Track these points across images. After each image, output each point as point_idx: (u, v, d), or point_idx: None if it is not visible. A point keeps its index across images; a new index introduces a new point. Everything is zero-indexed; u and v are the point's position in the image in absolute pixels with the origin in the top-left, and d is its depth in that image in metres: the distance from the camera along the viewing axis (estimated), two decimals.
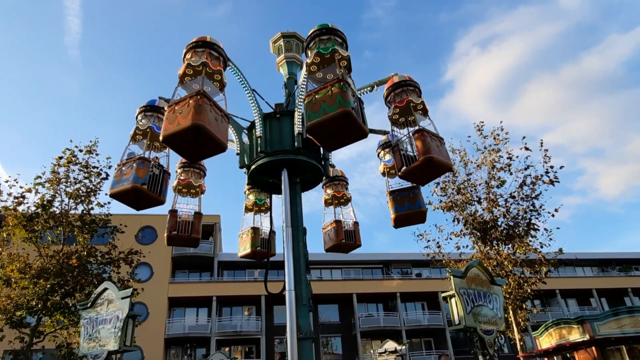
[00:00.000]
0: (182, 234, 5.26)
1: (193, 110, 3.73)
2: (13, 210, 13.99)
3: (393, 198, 5.45)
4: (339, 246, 6.21)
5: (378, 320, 36.74)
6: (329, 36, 4.56)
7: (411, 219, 5.37)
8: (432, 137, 4.71)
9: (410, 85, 5.10)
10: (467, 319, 6.83)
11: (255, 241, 5.83)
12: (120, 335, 6.57)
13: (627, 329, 12.18)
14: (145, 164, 4.48)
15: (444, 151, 4.75)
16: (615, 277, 44.01)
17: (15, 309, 13.05)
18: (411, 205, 5.38)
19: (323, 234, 6.53)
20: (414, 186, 5.55)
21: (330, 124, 3.93)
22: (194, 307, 36.26)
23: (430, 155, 4.46)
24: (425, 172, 4.68)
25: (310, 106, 4.07)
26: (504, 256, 14.76)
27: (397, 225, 5.63)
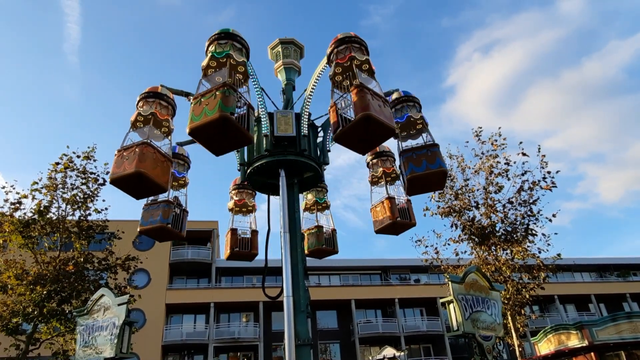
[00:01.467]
0: (243, 250, 5.92)
1: (137, 158, 4.23)
2: (9, 216, 13.93)
3: (407, 158, 4.85)
4: (394, 225, 5.95)
5: (377, 327, 36.58)
6: (227, 41, 4.53)
7: (430, 181, 4.81)
8: (373, 95, 4.14)
9: (356, 42, 4.69)
10: (465, 325, 6.80)
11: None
12: (117, 342, 6.50)
13: (626, 334, 12.16)
14: (169, 206, 5.18)
15: (387, 112, 4.19)
16: (614, 282, 43.98)
17: (11, 316, 12.96)
18: (430, 165, 4.74)
19: (372, 214, 6.35)
20: (432, 144, 4.93)
21: (209, 128, 3.89)
22: (191, 314, 36.06)
23: (368, 112, 3.87)
24: (363, 134, 4.07)
25: (194, 108, 4.04)
26: (502, 262, 14.75)
27: (411, 190, 5.02)
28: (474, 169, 16.10)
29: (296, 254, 4.74)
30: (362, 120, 3.87)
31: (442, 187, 5.05)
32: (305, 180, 5.33)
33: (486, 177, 15.67)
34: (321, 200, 6.58)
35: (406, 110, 4.97)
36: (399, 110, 5.00)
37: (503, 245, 14.82)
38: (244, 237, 6.10)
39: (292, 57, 5.89)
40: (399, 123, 4.96)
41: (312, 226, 6.50)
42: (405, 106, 5.08)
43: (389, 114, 4.18)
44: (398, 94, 5.12)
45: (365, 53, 4.62)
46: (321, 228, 6.35)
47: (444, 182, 4.93)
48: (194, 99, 4.11)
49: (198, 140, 4.10)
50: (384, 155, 6.10)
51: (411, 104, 5.03)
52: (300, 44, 6.01)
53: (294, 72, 5.88)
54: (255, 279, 39.52)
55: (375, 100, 4.06)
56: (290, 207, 4.92)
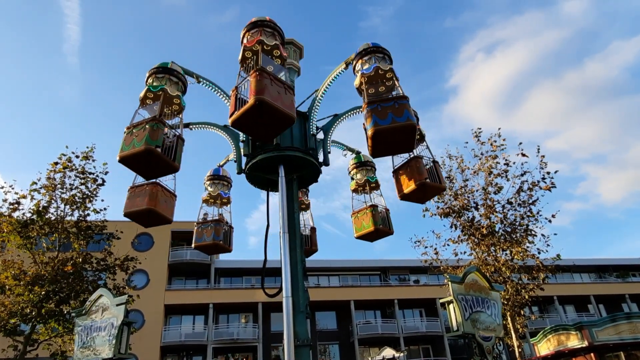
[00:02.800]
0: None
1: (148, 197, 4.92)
2: (8, 216, 13.88)
3: (372, 110, 4.26)
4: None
5: (376, 327, 36.54)
6: (164, 75, 4.80)
7: (396, 138, 4.24)
8: (273, 80, 3.93)
9: (268, 27, 4.52)
10: (465, 326, 6.77)
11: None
12: (115, 343, 6.46)
13: (625, 335, 12.17)
14: (219, 225, 5.68)
15: (288, 100, 3.95)
16: (613, 283, 43.99)
17: (9, 317, 12.91)
18: (396, 117, 4.19)
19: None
20: (401, 96, 4.44)
21: (136, 158, 4.22)
22: (190, 315, 36.00)
23: (261, 97, 3.67)
24: (259, 119, 3.85)
25: (125, 138, 4.45)
26: (501, 262, 14.73)
27: (375, 148, 4.39)
28: (473, 169, 16.10)
29: (295, 254, 4.73)
30: (255, 105, 3.71)
31: (411, 147, 4.40)
32: (303, 177, 5.35)
33: (485, 177, 15.67)
34: (372, 180, 6.45)
35: (374, 61, 4.65)
36: (367, 61, 4.68)
37: (503, 245, 14.80)
38: (305, 235, 6.44)
39: (291, 58, 5.89)
40: (365, 74, 4.63)
41: (364, 206, 6.35)
42: (374, 57, 4.73)
43: (289, 101, 4.00)
44: (366, 44, 4.80)
45: (277, 39, 4.57)
46: (376, 207, 6.15)
47: (413, 141, 4.33)
48: (127, 128, 4.40)
49: (128, 167, 4.36)
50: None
51: (380, 56, 4.70)
52: (299, 44, 6.01)
53: (294, 73, 5.87)
54: (254, 280, 39.47)
55: (275, 86, 3.91)
56: (290, 207, 4.91)
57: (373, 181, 6.39)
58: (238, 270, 39.52)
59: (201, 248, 6.00)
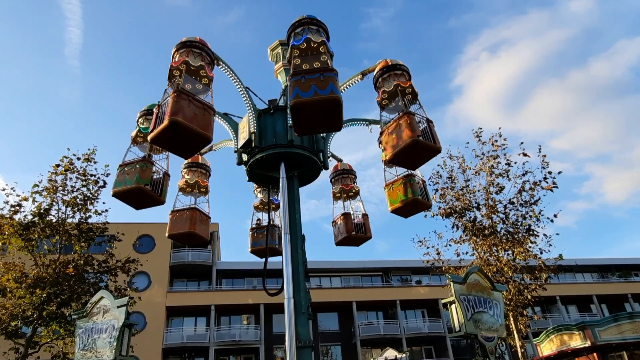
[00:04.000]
0: (359, 233, 6.10)
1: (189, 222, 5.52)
2: (9, 218, 13.87)
3: (295, 81, 4.08)
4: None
5: (378, 328, 36.47)
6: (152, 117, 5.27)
7: (318, 112, 4.00)
8: (192, 101, 4.06)
9: (197, 48, 4.58)
10: (467, 326, 6.74)
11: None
12: (116, 345, 6.45)
13: (628, 334, 12.12)
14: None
15: (205, 120, 4.07)
16: (615, 282, 43.88)
17: (11, 319, 12.89)
18: (319, 90, 3.96)
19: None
20: (328, 68, 4.24)
21: (127, 194, 4.95)
22: (192, 317, 35.96)
23: (176, 118, 3.82)
24: (175, 139, 4.02)
25: (118, 175, 5.08)
26: (503, 262, 14.69)
27: (297, 123, 4.17)
28: (475, 169, 16.06)
29: (297, 255, 4.71)
30: (169, 125, 3.88)
31: (338, 124, 4.13)
32: (304, 174, 5.35)
33: (487, 177, 15.63)
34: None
35: (306, 32, 4.51)
36: (299, 33, 4.56)
37: (505, 245, 14.76)
38: (359, 223, 6.27)
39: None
40: (295, 46, 4.53)
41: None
42: (306, 29, 4.59)
43: (206, 121, 4.09)
44: (301, 16, 4.68)
45: (204, 59, 4.62)
46: (413, 177, 5.63)
47: (339, 117, 4.05)
48: (120, 166, 5.06)
49: (120, 200, 5.06)
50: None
51: (314, 28, 4.56)
52: None
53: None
54: (255, 281, 39.43)
55: (193, 107, 4.03)
56: (291, 208, 4.90)
57: None
58: (240, 271, 39.48)
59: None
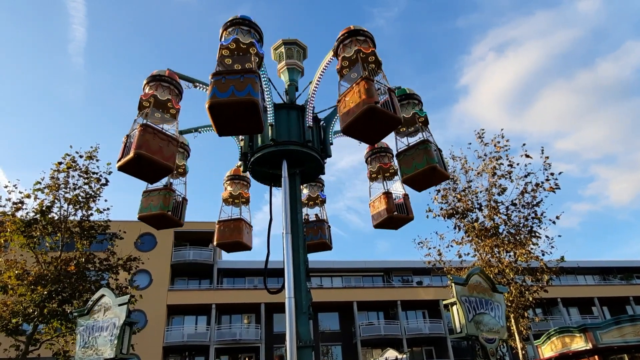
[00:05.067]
0: (401, 214, 5.83)
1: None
2: (11, 215, 13.91)
3: (215, 81, 4.03)
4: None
5: (379, 329, 36.46)
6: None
7: (235, 112, 3.97)
8: (156, 134, 4.42)
9: (165, 82, 4.87)
10: (468, 327, 6.72)
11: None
12: (117, 343, 6.44)
13: (630, 337, 12.08)
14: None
15: (168, 152, 4.42)
16: (617, 285, 43.78)
17: (12, 316, 12.91)
18: (237, 92, 3.97)
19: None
20: (249, 69, 4.18)
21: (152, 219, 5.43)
22: (193, 315, 36.01)
23: (140, 151, 4.21)
24: (141, 169, 4.44)
25: (143, 201, 5.43)
26: (505, 264, 14.66)
27: (215, 121, 4.08)
28: (477, 170, 16.04)
29: (298, 255, 4.71)
30: (134, 157, 4.28)
31: (255, 126, 4.07)
32: (306, 171, 5.35)
33: (489, 178, 15.61)
34: (422, 114, 5.54)
35: (236, 33, 4.52)
36: (230, 32, 4.59)
37: (506, 247, 14.73)
38: (400, 203, 6.05)
39: (295, 58, 5.87)
40: (223, 46, 4.50)
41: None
42: (237, 29, 4.59)
43: (170, 153, 4.51)
44: (234, 16, 4.67)
45: (172, 93, 4.93)
46: (430, 143, 5.18)
47: (258, 119, 3.99)
48: (144, 192, 5.46)
49: (145, 222, 5.48)
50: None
51: (245, 29, 4.55)
52: (303, 44, 5.98)
53: (297, 73, 5.85)
54: (256, 280, 39.46)
55: (157, 140, 4.44)
56: (293, 208, 4.90)
57: (422, 115, 5.53)
58: (241, 270, 39.51)
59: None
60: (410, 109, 5.53)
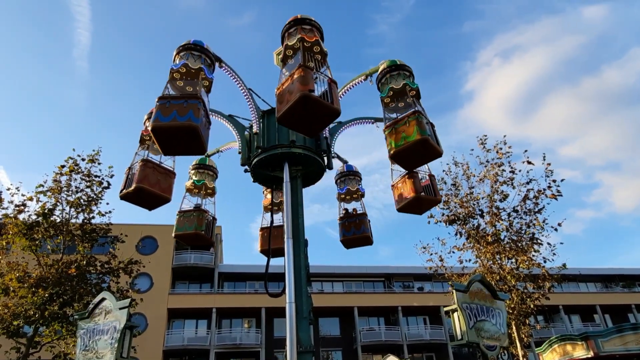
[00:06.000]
0: (428, 195, 5.67)
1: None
2: (14, 218, 13.94)
3: (160, 105, 4.48)
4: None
5: (379, 334, 36.31)
6: (204, 170, 6.21)
7: (178, 136, 4.40)
8: (156, 168, 5.05)
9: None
10: (469, 334, 6.70)
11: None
12: (117, 347, 6.44)
13: (632, 345, 12.02)
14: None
15: (166, 184, 5.06)
16: (619, 293, 43.56)
17: (13, 318, 12.91)
18: (178, 117, 4.37)
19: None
20: (193, 95, 4.53)
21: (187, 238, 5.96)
22: (193, 319, 35.94)
23: (141, 185, 4.78)
24: (141, 200, 5.02)
25: (178, 221, 5.98)
26: (507, 270, 14.61)
27: (160, 144, 4.64)
28: (479, 176, 16.03)
29: (299, 259, 4.71)
30: (136, 189, 4.85)
31: (197, 149, 4.37)
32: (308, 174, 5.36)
33: (491, 185, 15.59)
34: (413, 86, 5.22)
35: (187, 57, 4.75)
36: (182, 57, 4.79)
37: (508, 254, 14.69)
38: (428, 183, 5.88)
39: None
40: (174, 70, 4.72)
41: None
42: (188, 54, 4.83)
43: (167, 185, 5.07)
44: (187, 41, 4.89)
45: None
46: (421, 114, 4.83)
47: (199, 142, 4.26)
48: (179, 213, 5.94)
49: (180, 240, 6.04)
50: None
51: (196, 54, 4.80)
52: None
53: None
54: (257, 285, 39.39)
55: (156, 174, 5.01)
56: (294, 213, 4.90)
57: (414, 87, 5.19)
58: (242, 275, 39.44)
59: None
60: (401, 79, 5.17)
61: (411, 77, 5.25)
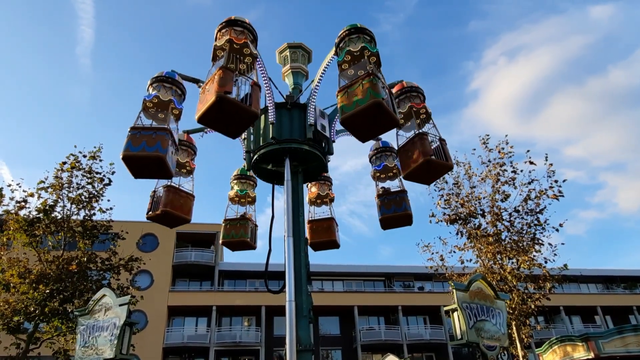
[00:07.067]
0: (439, 159, 5.03)
1: None
2: (15, 214, 13.95)
3: (132, 135, 4.74)
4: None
5: (379, 334, 36.33)
6: (246, 180, 5.99)
7: (144, 163, 4.73)
8: (181, 193, 5.52)
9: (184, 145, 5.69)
10: (469, 334, 6.69)
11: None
12: (117, 343, 6.44)
13: (633, 347, 11.99)
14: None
15: (187, 207, 5.53)
16: (620, 294, 43.49)
17: (13, 314, 12.94)
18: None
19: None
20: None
21: (235, 244, 6.17)
22: (193, 317, 35.99)
23: (166, 209, 5.28)
24: (167, 220, 5.52)
25: (224, 228, 6.21)
26: (507, 271, 14.59)
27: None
28: (481, 176, 16.00)
29: (300, 258, 4.70)
30: (161, 214, 5.35)
31: (165, 175, 4.83)
32: (309, 170, 5.35)
33: (493, 185, 15.57)
34: (373, 50, 4.82)
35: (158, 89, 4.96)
36: (155, 88, 4.96)
37: (509, 254, 14.67)
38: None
39: (299, 62, 5.88)
40: (147, 100, 4.95)
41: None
42: (160, 86, 5.00)
43: (188, 207, 5.60)
44: (160, 72, 5.02)
45: (188, 155, 5.85)
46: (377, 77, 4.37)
47: (165, 170, 4.70)
48: (225, 220, 6.27)
49: (227, 247, 6.38)
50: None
51: (167, 85, 4.97)
52: (308, 48, 6.00)
53: (302, 77, 5.86)
54: (258, 283, 39.42)
55: (179, 198, 5.55)
56: (295, 210, 4.89)
57: (374, 52, 4.73)
58: (242, 273, 39.49)
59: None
60: (360, 43, 4.75)
61: (372, 42, 4.88)
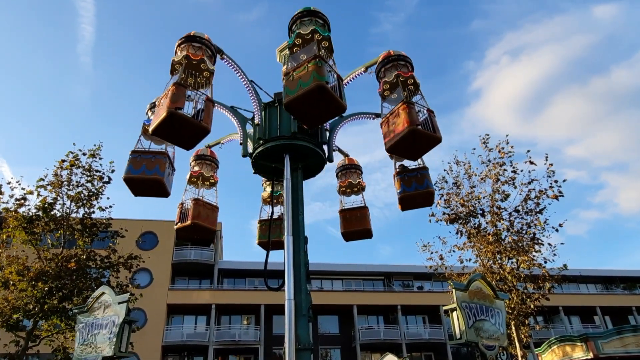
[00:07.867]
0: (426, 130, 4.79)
1: None
2: (14, 212, 13.93)
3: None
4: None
5: (378, 333, 36.32)
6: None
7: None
8: (205, 205, 5.84)
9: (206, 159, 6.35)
10: (468, 334, 6.69)
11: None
12: (116, 341, 6.44)
13: (631, 348, 11.99)
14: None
15: (213, 218, 5.83)
16: (620, 295, 43.49)
17: (12, 312, 12.92)
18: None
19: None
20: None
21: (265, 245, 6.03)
22: (192, 315, 35.96)
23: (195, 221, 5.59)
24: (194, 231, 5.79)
25: (259, 228, 6.54)
26: (507, 270, 14.58)
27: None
28: (481, 176, 15.99)
29: (299, 257, 4.69)
30: (190, 226, 5.60)
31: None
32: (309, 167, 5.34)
33: (493, 184, 15.56)
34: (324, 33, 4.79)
35: None
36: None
37: (509, 254, 14.66)
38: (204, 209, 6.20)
39: None
40: (145, 125, 5.37)
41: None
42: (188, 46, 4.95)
43: (213, 218, 5.89)
44: (157, 98, 5.20)
45: (212, 169, 6.30)
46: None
47: (163, 190, 5.19)
48: (260, 221, 6.69)
49: (261, 247, 6.46)
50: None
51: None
52: None
53: None
54: (257, 282, 39.41)
55: (206, 210, 5.82)
56: (295, 210, 4.88)
57: (325, 35, 4.74)
58: (241, 271, 39.47)
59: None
60: (312, 26, 4.62)
61: (325, 26, 4.74)
